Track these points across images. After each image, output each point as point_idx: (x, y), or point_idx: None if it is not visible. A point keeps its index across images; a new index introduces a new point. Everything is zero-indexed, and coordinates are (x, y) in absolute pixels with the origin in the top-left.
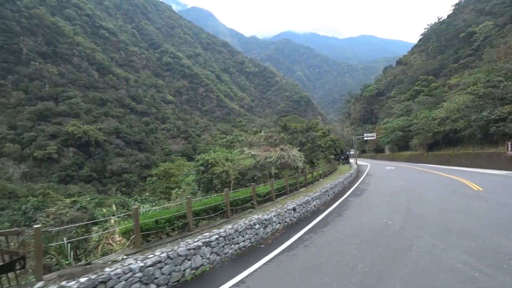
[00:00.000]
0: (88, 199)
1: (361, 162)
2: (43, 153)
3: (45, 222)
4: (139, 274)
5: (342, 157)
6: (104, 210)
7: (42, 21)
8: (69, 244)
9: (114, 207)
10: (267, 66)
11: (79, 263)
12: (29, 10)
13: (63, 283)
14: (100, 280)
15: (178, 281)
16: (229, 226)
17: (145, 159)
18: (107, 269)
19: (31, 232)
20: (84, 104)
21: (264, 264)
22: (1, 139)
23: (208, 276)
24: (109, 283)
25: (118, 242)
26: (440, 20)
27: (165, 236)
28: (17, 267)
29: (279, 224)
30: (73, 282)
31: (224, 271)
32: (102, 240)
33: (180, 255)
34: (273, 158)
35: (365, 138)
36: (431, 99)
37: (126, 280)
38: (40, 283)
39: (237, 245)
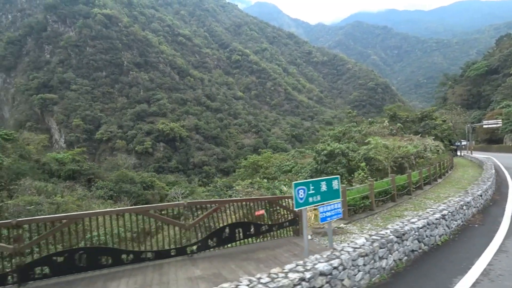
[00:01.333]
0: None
1: (477, 154)
2: (142, 147)
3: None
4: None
5: (454, 148)
6: (285, 188)
7: (136, 36)
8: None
9: (285, 188)
10: (336, 54)
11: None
12: (127, 28)
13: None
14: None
15: (433, 244)
16: (443, 206)
17: (221, 153)
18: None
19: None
20: (169, 105)
21: None
22: (113, 136)
23: (456, 242)
24: (404, 236)
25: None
26: None
27: (353, 213)
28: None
29: (474, 208)
30: (362, 239)
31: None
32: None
33: (433, 223)
34: (420, 147)
35: (484, 126)
36: None
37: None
38: (309, 236)
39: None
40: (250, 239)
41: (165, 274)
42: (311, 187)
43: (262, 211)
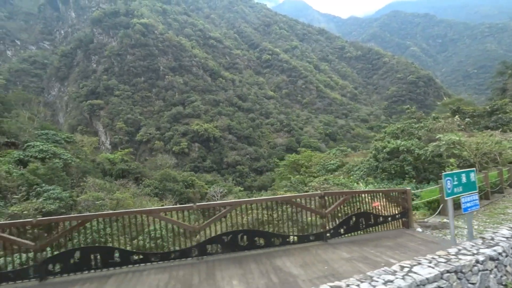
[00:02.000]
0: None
1: None
2: (178, 148)
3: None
4: None
5: None
6: (361, 185)
7: (171, 42)
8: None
9: (362, 185)
10: (371, 47)
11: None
12: (163, 35)
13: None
14: None
15: None
16: None
17: (254, 152)
18: None
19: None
20: (203, 106)
21: None
22: (151, 138)
23: None
24: None
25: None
26: None
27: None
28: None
29: None
30: (504, 229)
31: None
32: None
33: None
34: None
35: None
36: None
37: None
38: (418, 228)
39: None
40: (368, 229)
41: (317, 255)
42: (455, 179)
43: (377, 203)
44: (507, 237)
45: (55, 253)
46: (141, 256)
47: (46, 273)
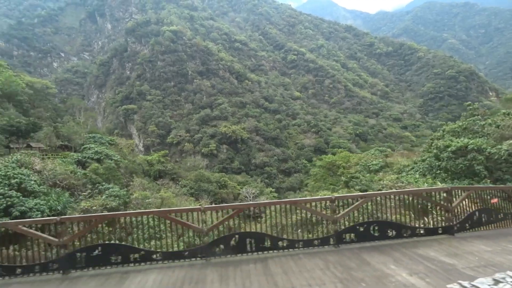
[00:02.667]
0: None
1: None
2: (207, 149)
3: None
4: None
5: None
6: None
7: (199, 47)
8: None
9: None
10: (403, 42)
11: None
12: (191, 41)
13: None
14: None
15: None
16: None
17: (281, 154)
18: None
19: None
20: (230, 108)
21: None
22: (182, 140)
23: None
24: None
25: None
26: None
27: None
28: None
29: None
30: None
31: None
32: None
33: None
34: None
35: None
36: None
37: None
38: None
39: None
40: (489, 225)
41: (455, 247)
42: None
43: (496, 199)
44: None
45: (215, 237)
46: (287, 243)
47: (211, 254)
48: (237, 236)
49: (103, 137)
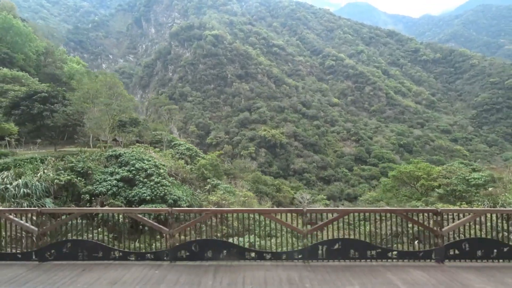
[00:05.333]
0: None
1: None
2: (247, 152)
3: None
4: None
5: None
6: None
7: (238, 51)
8: None
9: None
10: (453, 48)
11: None
12: (231, 45)
13: None
14: None
15: None
16: None
17: (320, 161)
18: None
19: None
20: (268, 112)
21: None
22: (221, 141)
23: None
24: None
25: None
26: None
27: None
28: None
29: None
30: None
31: None
32: None
33: None
34: None
35: None
36: None
37: None
38: None
39: None
40: None
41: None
42: None
43: None
44: None
45: None
46: (395, 255)
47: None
48: (339, 242)
49: (168, 135)
